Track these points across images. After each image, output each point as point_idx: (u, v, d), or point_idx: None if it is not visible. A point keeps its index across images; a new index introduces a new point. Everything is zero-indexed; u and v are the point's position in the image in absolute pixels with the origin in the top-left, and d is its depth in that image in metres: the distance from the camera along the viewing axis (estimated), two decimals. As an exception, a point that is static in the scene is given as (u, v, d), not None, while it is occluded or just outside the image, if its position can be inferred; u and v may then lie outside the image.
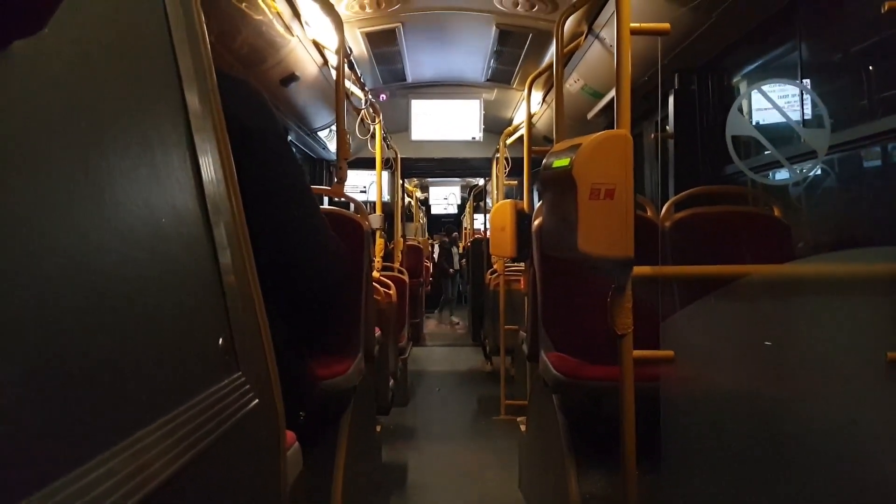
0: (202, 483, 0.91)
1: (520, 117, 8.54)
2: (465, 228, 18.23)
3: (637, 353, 2.27)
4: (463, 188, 20.16)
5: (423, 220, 22.39)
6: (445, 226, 19.59)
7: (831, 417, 2.15)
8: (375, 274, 5.99)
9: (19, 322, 0.59)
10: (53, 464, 0.61)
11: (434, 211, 21.95)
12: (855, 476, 2.09)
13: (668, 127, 5.05)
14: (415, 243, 14.17)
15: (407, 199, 19.25)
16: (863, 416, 2.11)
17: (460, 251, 18.04)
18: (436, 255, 18.09)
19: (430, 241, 19.37)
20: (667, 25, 2.48)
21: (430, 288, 16.49)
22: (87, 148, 0.74)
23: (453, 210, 21.41)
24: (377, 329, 4.25)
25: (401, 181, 9.92)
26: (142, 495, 0.71)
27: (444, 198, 21.22)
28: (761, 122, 3.32)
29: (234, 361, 1.07)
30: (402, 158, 8.85)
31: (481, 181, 15.20)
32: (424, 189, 21.08)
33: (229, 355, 1.05)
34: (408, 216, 18.76)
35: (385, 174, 8.29)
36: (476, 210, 17.28)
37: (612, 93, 2.33)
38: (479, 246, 11.73)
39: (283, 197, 1.80)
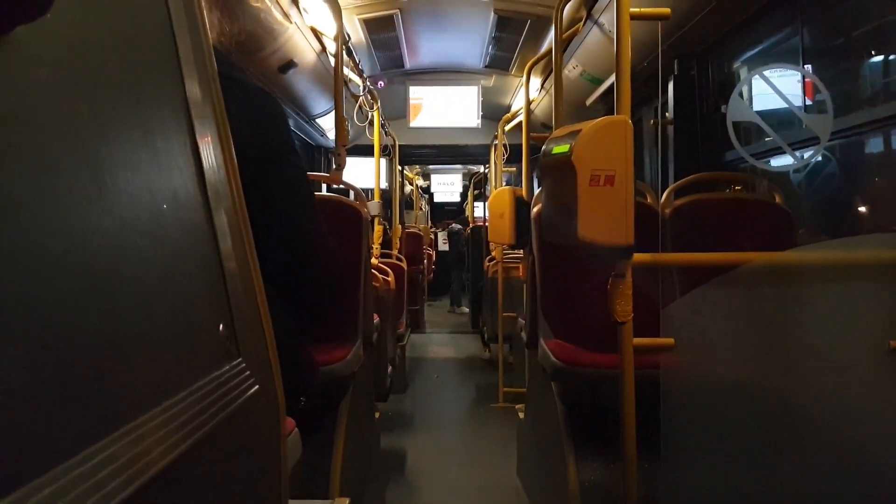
0: (202, 469, 0.91)
1: (518, 104, 8.54)
2: (466, 216, 18.10)
3: (637, 340, 2.27)
4: (465, 175, 19.98)
5: (427, 208, 22.32)
6: (449, 214, 19.50)
7: (832, 405, 2.15)
8: (374, 261, 5.99)
9: (18, 309, 0.58)
10: (54, 449, 0.61)
11: (437, 199, 21.79)
12: (856, 464, 2.10)
13: (667, 113, 5.04)
14: (415, 230, 14.15)
15: (409, 187, 19.20)
16: (864, 403, 2.11)
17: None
18: (440, 243, 17.99)
19: (432, 229, 19.30)
20: (667, 10, 2.47)
21: (431, 275, 16.49)
22: (87, 134, 0.73)
23: (456, 198, 21.22)
24: (375, 316, 4.25)
25: (399, 168, 9.91)
26: (142, 481, 0.71)
27: (447, 185, 21.02)
28: (762, 108, 3.32)
29: (235, 347, 1.07)
30: (400, 145, 8.83)
31: (483, 168, 15.13)
32: (427, 177, 20.97)
33: (230, 341, 1.05)
34: (409, 204, 18.73)
35: (383, 161, 8.26)
36: (477, 198, 17.13)
37: (612, 79, 2.33)
38: (479, 233, 11.72)
39: (289, 204, 1.88)
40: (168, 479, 0.77)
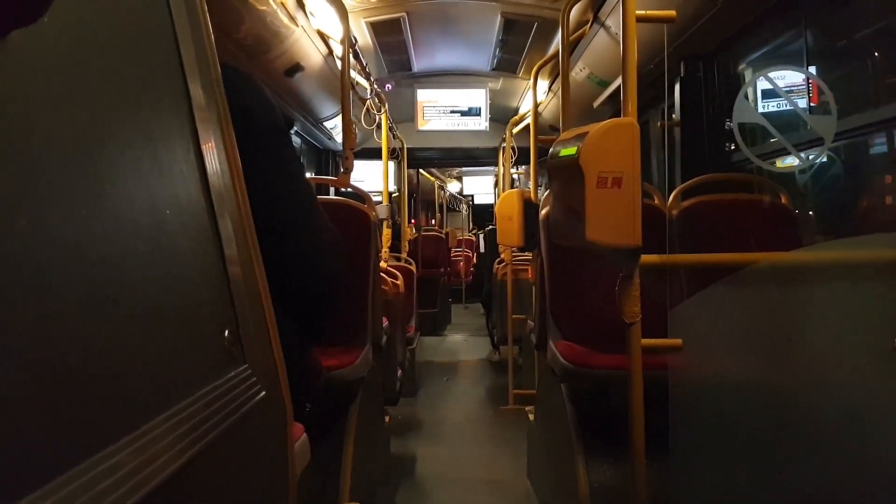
0: (208, 476, 0.91)
1: (526, 106, 8.54)
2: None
3: (645, 341, 2.27)
4: (496, 177, 19.80)
5: (468, 211, 22.30)
6: (491, 216, 19.54)
7: (838, 405, 2.15)
8: (383, 265, 5.98)
9: (24, 316, 0.59)
10: (61, 457, 0.61)
11: (478, 201, 21.65)
12: (862, 463, 2.09)
13: (674, 115, 5.03)
14: (434, 233, 14.19)
15: (447, 192, 19.20)
16: (868, 402, 2.11)
17: None
18: (482, 245, 18.10)
19: (472, 231, 19.29)
20: (672, 12, 2.47)
21: (471, 278, 16.62)
22: (89, 140, 0.73)
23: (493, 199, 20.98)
24: (384, 319, 4.24)
25: (410, 170, 9.91)
26: (149, 488, 0.71)
27: (481, 186, 20.72)
28: (767, 109, 3.31)
29: (241, 354, 1.07)
30: (408, 148, 8.83)
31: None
32: (460, 180, 20.88)
33: (235, 348, 1.05)
34: (449, 208, 18.77)
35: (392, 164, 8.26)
36: None
37: (618, 81, 2.33)
38: (492, 235, 11.73)
39: (276, 185, 1.78)
40: (174, 486, 0.77)
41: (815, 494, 2.16)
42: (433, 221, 21.80)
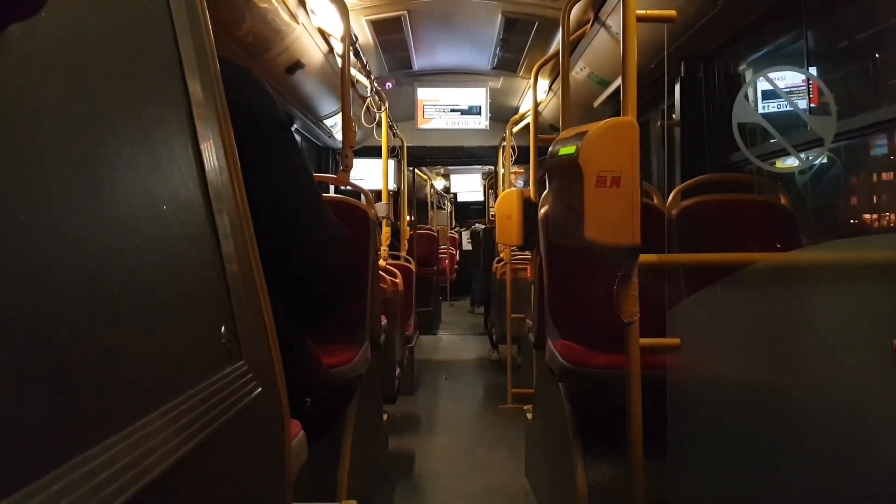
0: (204, 473, 0.91)
1: (526, 105, 8.53)
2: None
3: (643, 340, 2.27)
4: (484, 175, 19.82)
5: (450, 208, 22.33)
6: (474, 213, 19.53)
7: (837, 405, 2.15)
8: (382, 263, 5.98)
9: (18, 312, 0.58)
10: (54, 453, 0.61)
11: (461, 199, 21.65)
12: (861, 463, 2.09)
13: (674, 115, 5.03)
14: (428, 231, 14.20)
15: (436, 189, 19.23)
16: (868, 403, 2.11)
17: None
18: (465, 243, 18.07)
19: (455, 229, 19.32)
20: (673, 12, 2.47)
21: (454, 276, 16.62)
22: (87, 136, 0.73)
23: (480, 197, 21.01)
24: (383, 318, 4.24)
25: (410, 168, 9.90)
26: (142, 485, 0.70)
27: (469, 184, 20.78)
28: (767, 110, 3.31)
29: (237, 350, 1.06)
30: (408, 147, 8.82)
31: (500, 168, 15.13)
32: (447, 177, 20.89)
33: (232, 344, 1.04)
34: (429, 205, 18.86)
35: (392, 162, 8.24)
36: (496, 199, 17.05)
37: (619, 81, 2.33)
38: (490, 234, 11.72)
39: (279, 181, 1.78)
40: (168, 483, 0.77)
41: (814, 494, 2.16)
42: (412, 219, 21.81)
